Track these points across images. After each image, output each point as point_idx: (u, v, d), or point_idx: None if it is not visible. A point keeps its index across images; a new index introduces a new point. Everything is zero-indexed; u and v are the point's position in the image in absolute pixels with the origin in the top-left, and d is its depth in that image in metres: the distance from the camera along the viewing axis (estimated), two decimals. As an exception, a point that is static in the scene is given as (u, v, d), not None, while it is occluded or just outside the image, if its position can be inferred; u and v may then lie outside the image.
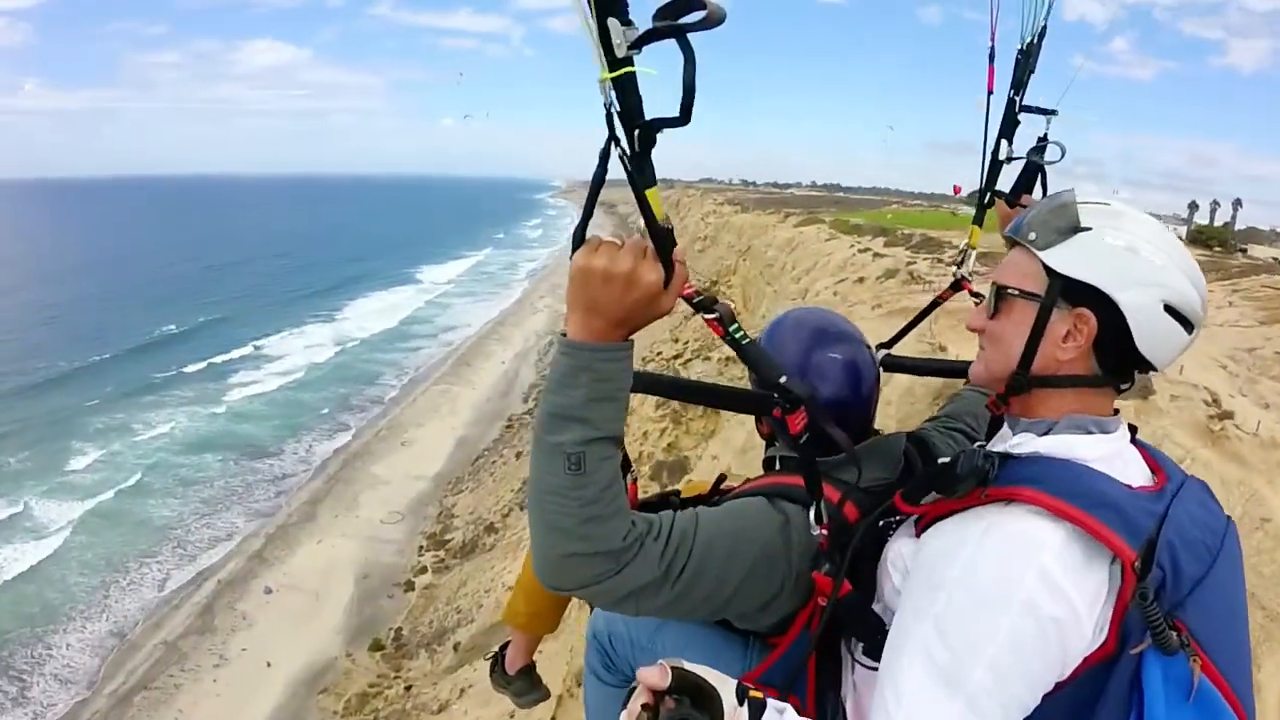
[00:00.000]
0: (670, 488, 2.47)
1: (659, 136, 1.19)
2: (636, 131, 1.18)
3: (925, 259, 28.71)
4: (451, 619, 27.44)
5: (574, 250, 1.33)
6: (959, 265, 2.63)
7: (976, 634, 1.22)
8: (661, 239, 1.30)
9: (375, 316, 75.52)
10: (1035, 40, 2.40)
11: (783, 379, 1.49)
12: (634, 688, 1.16)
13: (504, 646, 2.95)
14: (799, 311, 2.11)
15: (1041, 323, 1.45)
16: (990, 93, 2.43)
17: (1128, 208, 1.46)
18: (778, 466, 1.94)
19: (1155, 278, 1.38)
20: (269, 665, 26.86)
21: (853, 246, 33.83)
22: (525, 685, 2.90)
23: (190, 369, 57.45)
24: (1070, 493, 1.28)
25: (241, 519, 36.75)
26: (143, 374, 55.46)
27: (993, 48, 2.44)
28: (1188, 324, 1.41)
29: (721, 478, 2.32)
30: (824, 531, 1.55)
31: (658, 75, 1.15)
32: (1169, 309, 1.39)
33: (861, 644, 1.57)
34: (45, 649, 27.84)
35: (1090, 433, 1.44)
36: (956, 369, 2.38)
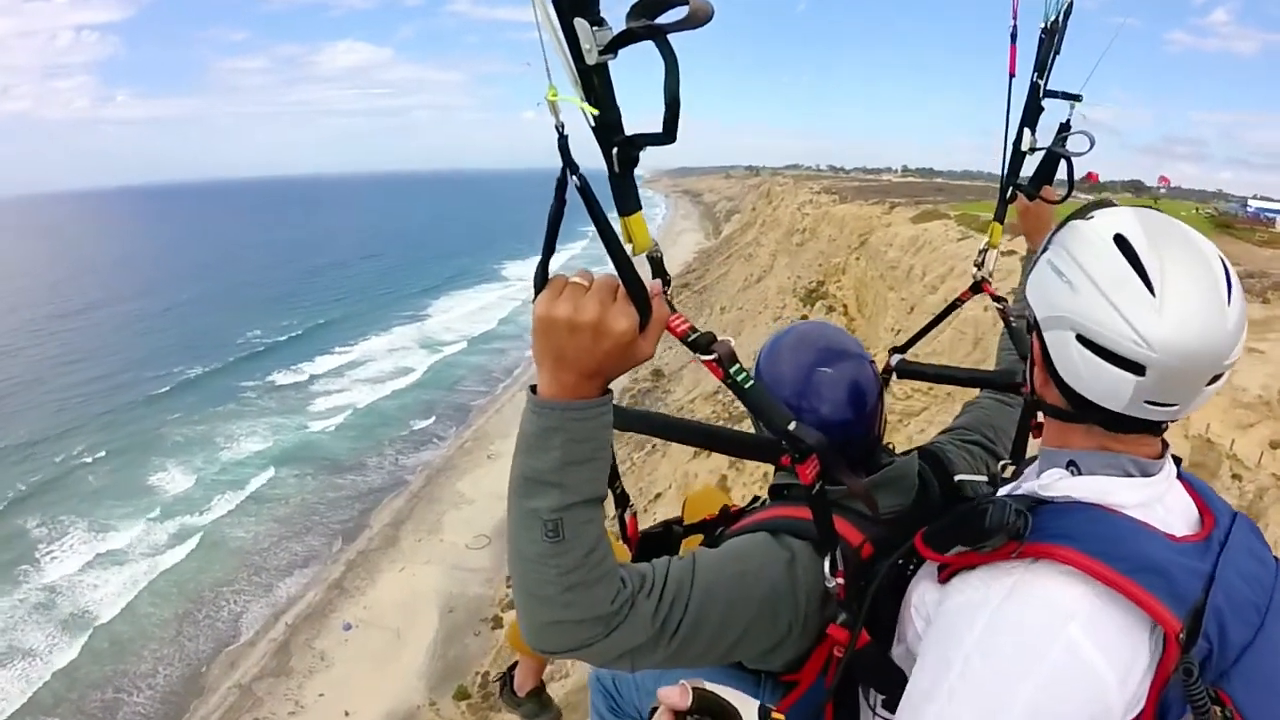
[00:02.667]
0: (673, 516, 2.22)
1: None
2: (615, 150, 1.05)
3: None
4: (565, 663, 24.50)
5: (535, 294, 1.14)
6: (979, 266, 2.51)
7: (993, 706, 1.11)
8: (633, 278, 1.12)
9: (463, 319, 73.82)
10: (1060, 18, 2.19)
11: (792, 425, 1.31)
12: (655, 708, 1.15)
13: (513, 667, 2.92)
14: (799, 329, 2.00)
15: (1030, 346, 1.42)
16: (1012, 76, 2.26)
17: (1103, 222, 1.28)
18: (786, 494, 1.78)
19: (1069, 305, 1.25)
20: (347, 715, 24.46)
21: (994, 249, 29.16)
22: (535, 707, 2.90)
23: (277, 377, 56.82)
24: (1111, 554, 1.15)
25: (320, 541, 34.70)
26: (229, 385, 54.93)
27: (1015, 25, 2.25)
28: (1127, 364, 1.20)
29: (726, 508, 2.10)
30: (840, 581, 1.43)
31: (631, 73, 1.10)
32: (1083, 340, 1.23)
33: (881, 697, 1.47)
34: (116, 692, 26.02)
35: (1129, 475, 1.30)
36: (972, 378, 2.46)
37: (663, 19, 0.95)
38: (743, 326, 47.72)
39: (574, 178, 1.04)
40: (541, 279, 1.15)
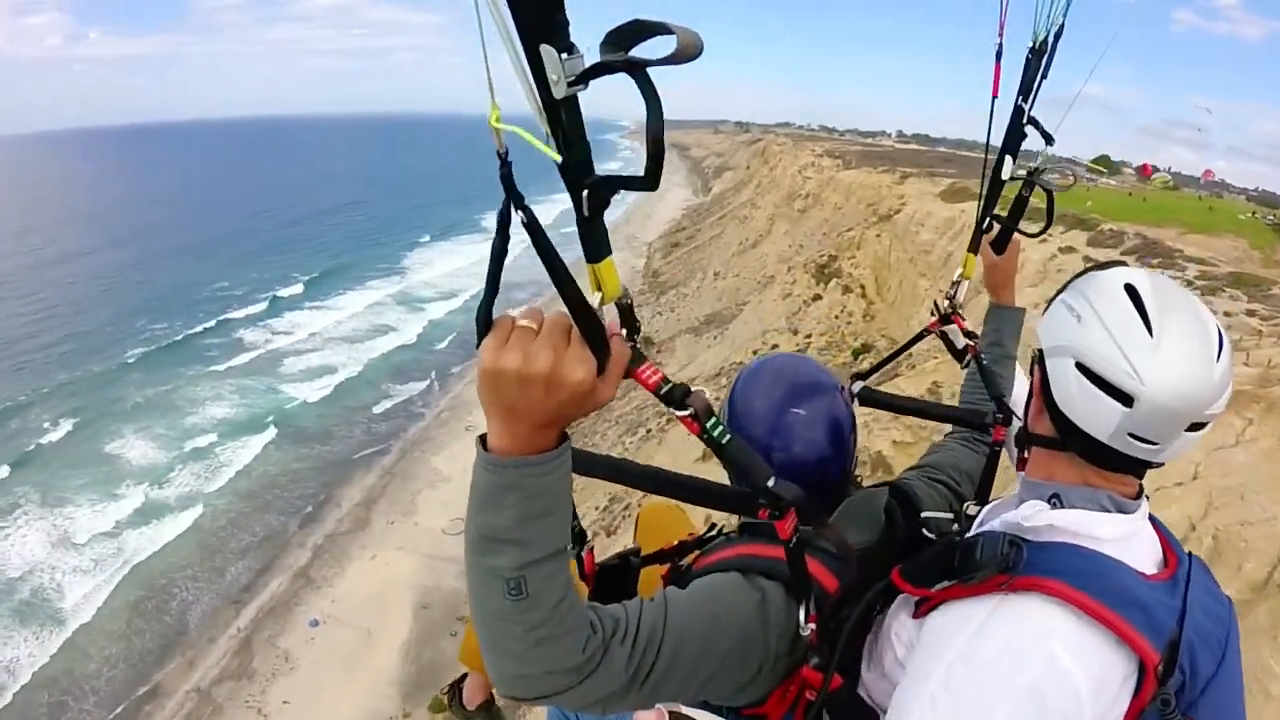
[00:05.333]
0: (629, 547, 2.18)
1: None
2: (585, 193, 0.98)
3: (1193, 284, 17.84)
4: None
5: (479, 339, 1.06)
6: (949, 298, 2.49)
7: (973, 715, 1.18)
8: (589, 319, 1.03)
9: (444, 276, 70.27)
10: (1050, 38, 2.13)
11: (770, 481, 1.30)
12: None
13: (462, 678, 2.89)
14: (773, 364, 2.01)
15: (1034, 377, 1.51)
16: (995, 98, 2.19)
17: (1118, 273, 1.41)
18: (757, 530, 1.73)
19: (1073, 336, 1.37)
20: (312, 726, 22.50)
21: (1044, 239, 25.36)
22: (485, 719, 2.85)
23: (246, 335, 54.08)
24: (1097, 588, 1.23)
25: (286, 521, 32.29)
26: (199, 345, 52.10)
27: (1000, 44, 2.15)
28: (1117, 394, 1.31)
29: (684, 542, 2.06)
30: (813, 626, 1.45)
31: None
32: (1082, 368, 1.34)
33: None
34: (62, 694, 23.82)
35: (1107, 510, 1.39)
36: (941, 414, 2.48)
37: (644, 51, 0.87)
38: (740, 295, 45.23)
39: (519, 212, 0.96)
40: (485, 322, 1.06)
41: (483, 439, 1.11)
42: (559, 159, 0.93)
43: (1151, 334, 1.28)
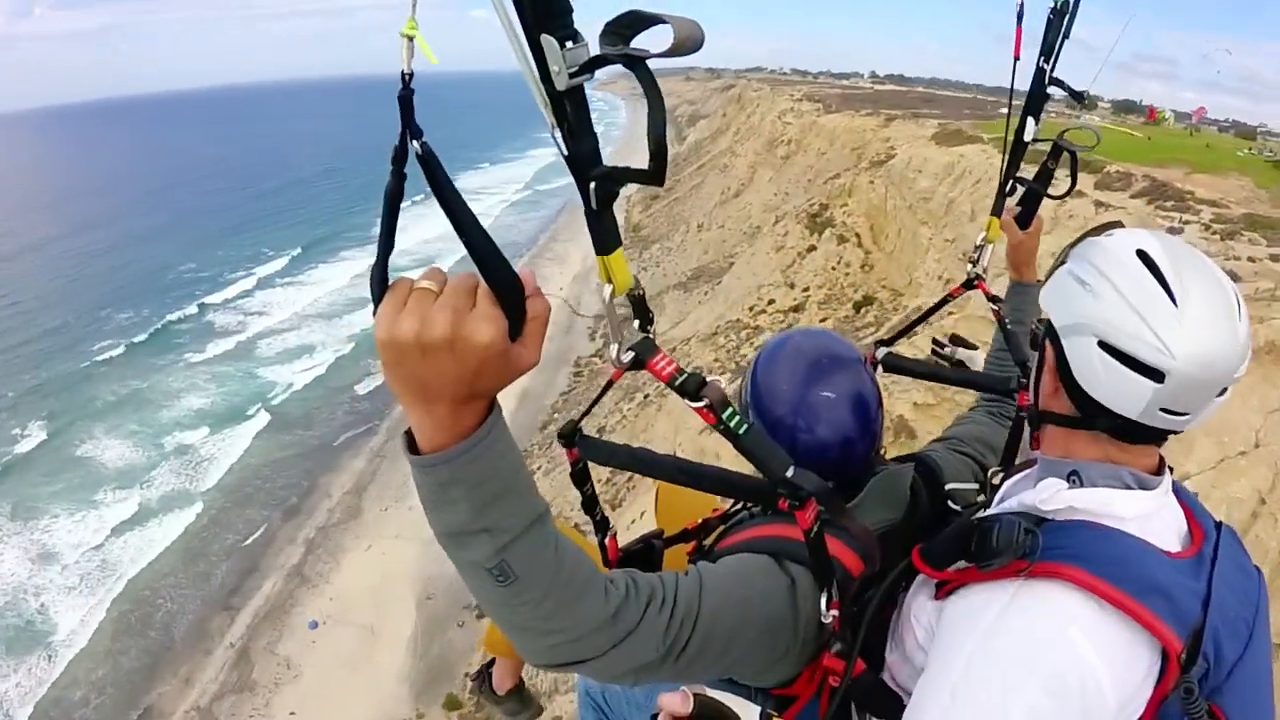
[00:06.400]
0: (650, 530, 2.12)
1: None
2: (593, 185, 0.97)
3: (1205, 231, 16.96)
4: (545, 674, 21.26)
5: (374, 306, 0.92)
6: (973, 263, 2.45)
7: (993, 706, 1.15)
8: (497, 272, 0.90)
9: (423, 244, 67.95)
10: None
11: (790, 471, 1.26)
12: (655, 715, 1.18)
13: (490, 663, 2.83)
14: (794, 341, 1.92)
15: (1041, 355, 1.46)
16: (1017, 59, 2.11)
17: (1125, 239, 1.34)
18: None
19: (1091, 312, 1.30)
20: (322, 737, 21.39)
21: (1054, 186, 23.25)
22: (516, 704, 2.82)
23: (217, 319, 52.09)
24: (1119, 576, 1.19)
25: (275, 515, 30.71)
26: (172, 332, 50.07)
27: (1021, 5, 2.08)
28: (1148, 370, 1.24)
29: (708, 520, 2.07)
30: (835, 612, 1.42)
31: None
32: (1105, 346, 1.28)
33: None
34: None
35: (1129, 487, 1.34)
36: (965, 380, 2.50)
37: (643, 43, 0.85)
38: (726, 247, 43.70)
39: (415, 144, 0.84)
40: (380, 284, 0.91)
41: (408, 436, 0.99)
42: (566, 152, 0.91)
43: (1175, 303, 1.22)
